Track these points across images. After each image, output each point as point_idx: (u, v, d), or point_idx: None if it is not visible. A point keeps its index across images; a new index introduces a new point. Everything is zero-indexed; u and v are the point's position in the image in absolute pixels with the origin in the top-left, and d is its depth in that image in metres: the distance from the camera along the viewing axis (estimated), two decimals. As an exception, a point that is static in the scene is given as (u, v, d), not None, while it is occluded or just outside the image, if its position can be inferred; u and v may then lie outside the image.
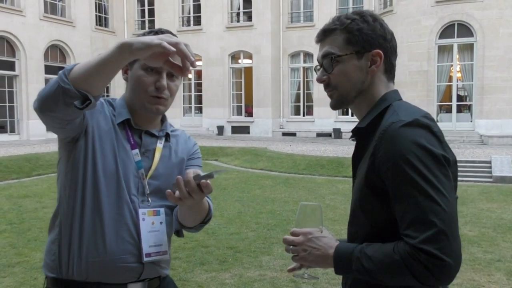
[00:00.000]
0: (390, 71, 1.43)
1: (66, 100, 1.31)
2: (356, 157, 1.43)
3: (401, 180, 1.21)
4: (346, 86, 1.40)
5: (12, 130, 20.40)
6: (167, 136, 1.72)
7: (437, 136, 1.25)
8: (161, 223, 1.63)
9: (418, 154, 1.20)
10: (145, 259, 1.57)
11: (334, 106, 1.47)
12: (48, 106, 1.34)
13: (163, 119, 1.73)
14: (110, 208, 1.54)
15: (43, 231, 6.47)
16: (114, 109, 1.64)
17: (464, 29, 18.13)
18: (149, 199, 1.61)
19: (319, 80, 1.45)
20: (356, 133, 1.41)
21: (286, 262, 5.26)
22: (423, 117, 1.28)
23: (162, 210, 1.64)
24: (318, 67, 1.47)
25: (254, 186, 10.57)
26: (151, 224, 1.60)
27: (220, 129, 23.28)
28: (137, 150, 1.62)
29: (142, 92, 1.58)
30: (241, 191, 9.85)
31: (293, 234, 1.46)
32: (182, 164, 1.74)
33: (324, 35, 1.44)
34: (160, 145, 1.68)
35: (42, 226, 6.77)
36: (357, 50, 1.38)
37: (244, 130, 23.34)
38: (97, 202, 1.54)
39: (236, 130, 23.43)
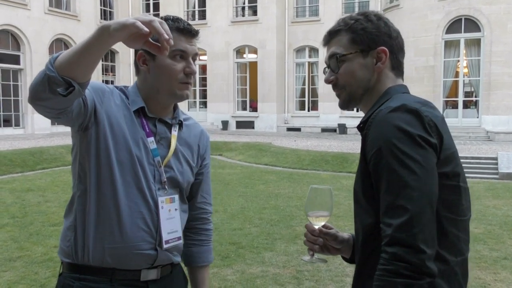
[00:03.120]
0: (397, 68, 1.44)
1: (51, 88, 1.30)
2: (361, 150, 1.41)
3: (382, 166, 1.20)
4: (353, 84, 1.41)
5: (17, 124, 20.44)
6: (180, 125, 1.74)
7: (423, 119, 1.22)
8: (176, 209, 1.67)
9: (398, 137, 1.19)
10: (165, 246, 1.61)
11: (342, 106, 1.48)
12: (37, 95, 1.33)
13: (175, 107, 1.73)
14: (125, 196, 1.55)
15: (45, 225, 6.45)
16: (127, 96, 1.64)
17: (471, 24, 17.96)
18: (166, 187, 1.64)
19: (327, 81, 1.46)
20: (360, 128, 1.38)
21: (288, 258, 5.21)
22: (416, 102, 1.27)
23: (176, 197, 1.68)
24: (326, 68, 1.48)
25: (258, 181, 10.52)
26: (168, 211, 1.64)
27: (225, 124, 23.24)
28: (152, 138, 1.63)
29: (173, 80, 1.58)
30: (245, 186, 9.81)
31: (307, 228, 1.53)
32: (193, 155, 1.77)
33: (330, 37, 1.45)
34: (175, 133, 1.70)
35: (44, 220, 6.75)
36: (362, 49, 1.39)
37: (249, 125, 23.29)
38: (112, 189, 1.54)
39: (241, 125, 23.38)
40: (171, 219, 1.65)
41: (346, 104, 1.46)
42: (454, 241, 1.26)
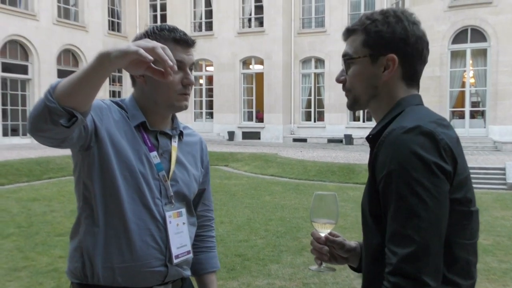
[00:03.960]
0: (410, 77, 1.34)
1: (53, 119, 1.26)
2: (369, 164, 1.36)
3: (391, 190, 1.15)
4: (358, 89, 1.36)
5: (24, 133, 20.54)
6: (180, 135, 1.72)
7: (439, 143, 1.16)
8: (183, 223, 1.65)
9: (410, 163, 1.13)
10: (175, 261, 1.60)
11: (349, 107, 1.44)
12: (38, 126, 1.29)
13: (173, 117, 1.71)
14: (132, 213, 1.53)
15: (51, 235, 6.45)
16: (125, 111, 1.60)
17: (478, 34, 17.94)
18: (173, 201, 1.62)
19: (337, 80, 1.42)
20: (369, 140, 1.34)
21: (295, 270, 5.16)
22: (431, 122, 1.20)
23: (183, 210, 1.66)
24: (343, 65, 1.44)
25: (264, 192, 10.48)
26: (176, 226, 1.62)
27: (231, 135, 23.25)
28: (155, 152, 1.60)
29: (171, 91, 1.56)
30: (251, 197, 9.77)
31: (313, 236, 1.49)
32: (196, 164, 1.76)
33: (347, 34, 1.39)
34: (175, 144, 1.68)
35: (50, 230, 6.74)
36: (372, 53, 1.32)
37: (255, 135, 23.28)
38: (118, 208, 1.52)
39: (247, 135, 23.38)
40: (180, 234, 1.63)
41: (351, 106, 1.42)
42: (465, 265, 1.23)
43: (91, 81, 1.25)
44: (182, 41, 1.57)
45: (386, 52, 1.30)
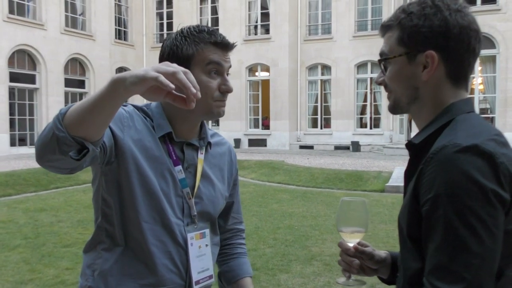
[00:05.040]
0: (457, 76, 1.18)
1: (62, 149, 1.15)
2: (408, 175, 1.21)
3: (438, 216, 1.01)
4: (397, 91, 1.23)
5: (32, 143, 20.59)
6: (208, 145, 1.59)
7: (499, 168, 1.01)
8: (206, 245, 1.53)
9: (465, 189, 0.98)
10: (195, 287, 1.48)
11: (390, 110, 1.30)
12: (45, 156, 1.18)
13: (202, 125, 1.58)
14: (152, 234, 1.42)
15: (57, 247, 6.40)
16: (151, 119, 1.47)
17: (486, 41, 17.84)
18: (196, 221, 1.49)
19: (376, 82, 1.31)
20: (411, 148, 1.20)
21: (305, 280, 5.08)
22: (489, 140, 1.04)
23: (207, 231, 1.54)
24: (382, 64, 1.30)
25: (271, 200, 10.40)
26: (198, 248, 1.49)
27: (237, 142, 23.21)
28: (180, 167, 1.48)
29: (209, 98, 1.44)
30: (258, 205, 9.69)
31: (341, 247, 1.38)
32: (223, 177, 1.63)
33: (383, 31, 1.26)
34: (201, 156, 1.54)
35: (56, 241, 6.69)
36: (408, 51, 1.18)
37: (261, 143, 23.24)
38: (138, 228, 1.41)
39: (253, 143, 23.34)
40: (202, 257, 1.51)
41: (392, 109, 1.28)
42: None
43: (104, 110, 1.13)
44: (222, 45, 1.47)
45: (424, 48, 1.15)
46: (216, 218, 1.60)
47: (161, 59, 1.47)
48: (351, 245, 1.37)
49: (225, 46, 1.48)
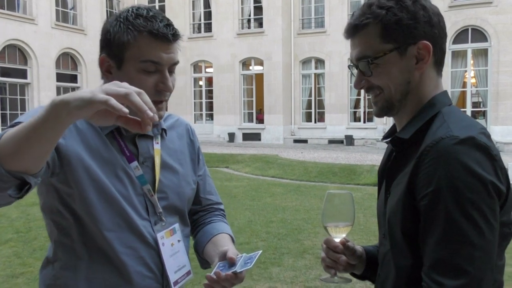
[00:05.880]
0: (440, 62, 1.18)
1: None
2: (393, 170, 1.19)
3: (439, 210, 1.00)
4: (390, 89, 1.17)
5: (24, 138, 20.51)
6: (164, 132, 1.45)
7: (495, 160, 1.02)
8: (178, 241, 1.42)
9: (466, 181, 0.98)
10: None
11: (379, 114, 1.22)
12: None
13: None
14: (119, 243, 1.29)
15: (49, 240, 6.36)
16: None
17: (478, 34, 17.91)
18: (163, 218, 1.37)
19: (357, 87, 1.23)
20: (398, 144, 1.18)
21: (296, 273, 5.09)
22: (480, 134, 1.05)
23: (176, 226, 1.42)
24: (353, 69, 1.23)
25: (264, 194, 10.40)
26: (171, 246, 1.38)
27: (231, 136, 23.19)
28: (135, 163, 1.34)
29: None
30: (252, 199, 9.69)
31: (328, 244, 1.32)
32: (186, 161, 1.49)
33: (354, 31, 1.19)
34: (157, 146, 1.40)
35: (48, 235, 6.67)
36: (397, 46, 1.13)
37: (255, 137, 23.23)
38: (102, 239, 1.28)
39: (247, 137, 23.32)
40: (176, 254, 1.40)
41: (384, 111, 1.21)
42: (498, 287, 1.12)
43: (44, 138, 0.94)
44: (160, 36, 1.26)
45: (414, 40, 1.13)
46: (184, 209, 1.48)
47: (100, 47, 1.34)
48: (337, 240, 1.33)
49: (164, 38, 1.27)
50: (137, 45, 1.27)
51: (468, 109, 18.48)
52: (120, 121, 0.95)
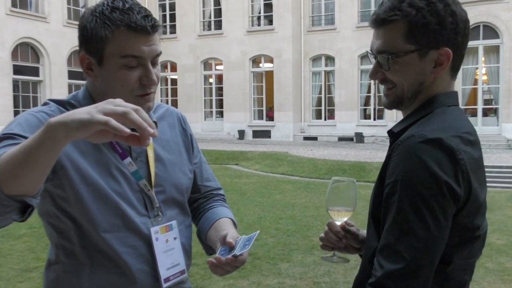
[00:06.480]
0: (457, 68, 1.21)
1: None
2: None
3: (393, 200, 1.06)
4: (403, 86, 1.19)
5: (36, 135, 20.72)
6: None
7: (458, 164, 1.05)
8: (175, 238, 1.39)
9: (422, 179, 1.03)
10: (165, 285, 1.35)
11: (388, 106, 1.26)
12: None
13: None
14: (120, 244, 1.28)
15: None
16: None
17: (490, 31, 17.74)
18: (160, 213, 1.36)
19: (373, 77, 1.24)
20: (390, 136, 1.24)
21: (305, 269, 5.13)
22: (455, 136, 1.08)
23: (174, 223, 1.40)
24: (372, 56, 1.23)
25: (274, 191, 10.45)
26: (165, 242, 1.36)
27: (241, 133, 23.24)
28: (128, 159, 1.31)
29: (127, 93, 1.24)
30: (261, 196, 9.74)
31: (331, 227, 1.39)
32: (180, 151, 1.48)
33: (379, 23, 1.18)
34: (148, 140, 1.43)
35: (61, 230, 6.78)
36: (420, 48, 1.14)
37: (265, 134, 23.25)
38: (102, 241, 1.27)
39: (257, 134, 23.35)
40: (170, 251, 1.37)
41: (393, 105, 1.24)
42: (457, 285, 1.16)
43: (41, 160, 0.93)
44: (139, 29, 1.22)
45: (437, 46, 1.14)
46: (184, 200, 1.46)
47: (79, 45, 1.31)
48: (338, 223, 1.40)
49: (143, 30, 1.22)
50: (115, 40, 1.23)
51: (479, 107, 18.34)
52: (118, 138, 0.94)
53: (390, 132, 1.23)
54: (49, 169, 0.97)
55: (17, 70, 19.78)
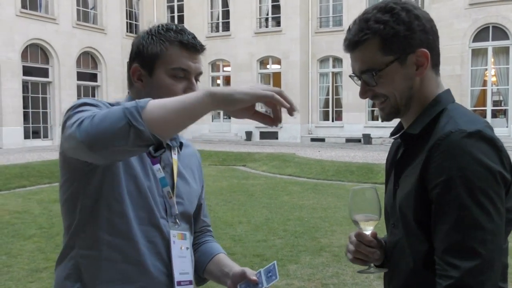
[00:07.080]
0: (437, 64, 1.27)
1: (136, 143, 1.08)
2: (402, 164, 1.28)
3: (451, 198, 1.09)
4: (395, 96, 1.25)
5: (45, 136, 20.88)
6: (180, 146, 1.55)
7: (501, 152, 1.12)
8: (187, 248, 1.47)
9: (477, 173, 1.08)
10: (176, 287, 1.41)
11: (386, 118, 1.31)
12: (105, 144, 1.08)
13: None
14: (141, 235, 1.35)
15: (72, 236, 6.51)
16: None
17: (499, 32, 17.64)
18: (177, 220, 1.45)
19: (363, 96, 1.30)
20: (407, 139, 1.27)
21: (313, 271, 5.13)
22: (486, 127, 1.14)
23: (187, 234, 1.49)
24: (355, 78, 1.31)
25: (282, 192, 10.44)
26: (179, 248, 1.44)
27: (249, 135, 23.27)
28: (158, 166, 1.42)
29: None
30: (269, 197, 9.74)
31: (361, 238, 1.35)
32: (195, 178, 1.59)
33: (353, 47, 1.27)
34: (175, 156, 1.49)
35: (70, 231, 6.83)
36: (398, 57, 1.21)
37: (273, 135, 23.26)
38: (127, 229, 1.33)
39: (265, 135, 23.37)
40: (183, 258, 1.44)
41: (391, 116, 1.30)
42: (505, 269, 1.19)
43: (194, 118, 1.12)
44: (189, 46, 1.40)
45: (413, 49, 1.21)
46: (192, 220, 1.55)
47: (130, 59, 1.46)
48: (368, 233, 1.34)
49: (193, 48, 1.41)
50: (168, 54, 1.40)
51: (489, 108, 18.24)
52: (256, 116, 1.17)
53: (406, 135, 1.26)
54: (190, 124, 1.14)
55: (26, 71, 19.94)
